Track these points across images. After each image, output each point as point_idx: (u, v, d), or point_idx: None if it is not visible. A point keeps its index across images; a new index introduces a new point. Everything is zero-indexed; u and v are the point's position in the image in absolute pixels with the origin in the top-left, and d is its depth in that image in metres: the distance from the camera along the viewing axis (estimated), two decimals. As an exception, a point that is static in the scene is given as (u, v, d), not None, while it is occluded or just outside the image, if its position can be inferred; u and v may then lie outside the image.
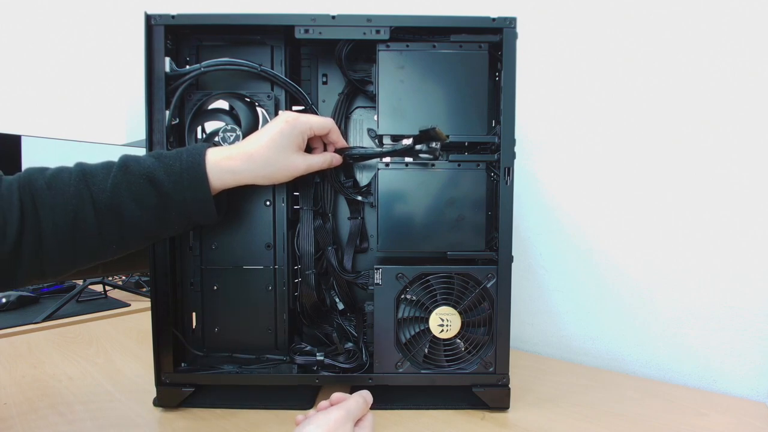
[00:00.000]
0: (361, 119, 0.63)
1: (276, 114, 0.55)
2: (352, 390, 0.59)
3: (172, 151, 0.46)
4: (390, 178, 0.53)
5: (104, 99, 1.27)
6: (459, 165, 0.53)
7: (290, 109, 0.57)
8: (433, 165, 0.53)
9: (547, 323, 0.79)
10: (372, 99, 0.60)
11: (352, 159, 0.56)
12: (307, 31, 0.52)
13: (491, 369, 0.54)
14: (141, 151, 0.47)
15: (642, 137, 0.68)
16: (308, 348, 0.58)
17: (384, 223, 0.53)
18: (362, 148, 0.56)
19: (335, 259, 0.61)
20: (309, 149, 0.54)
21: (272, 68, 0.56)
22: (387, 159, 0.54)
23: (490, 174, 0.54)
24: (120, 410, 0.55)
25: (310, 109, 0.57)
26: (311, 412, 0.45)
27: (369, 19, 0.51)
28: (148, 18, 0.51)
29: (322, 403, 0.45)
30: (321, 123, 0.51)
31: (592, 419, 0.53)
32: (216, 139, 0.53)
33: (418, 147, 0.51)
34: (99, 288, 1.16)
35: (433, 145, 0.50)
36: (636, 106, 0.69)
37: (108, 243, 0.43)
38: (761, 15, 0.59)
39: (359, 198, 0.61)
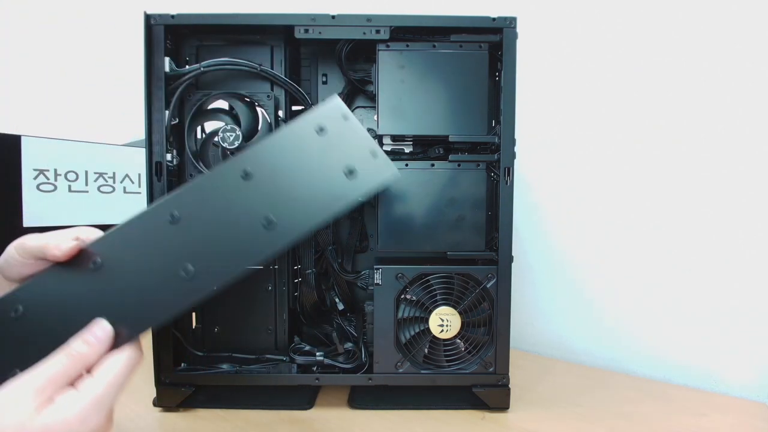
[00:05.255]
0: (361, 119, 0.63)
1: (275, 113, 0.55)
2: (352, 390, 0.59)
3: None
4: (390, 178, 0.53)
5: (104, 99, 1.27)
6: (459, 165, 0.53)
7: (290, 109, 0.57)
8: (433, 165, 0.53)
9: (547, 323, 0.79)
10: (372, 99, 0.60)
11: None
12: (306, 30, 0.51)
13: (491, 369, 0.54)
14: (141, 151, 0.47)
15: (642, 137, 0.68)
16: (308, 348, 0.58)
17: (384, 223, 0.53)
18: None
19: (335, 259, 0.60)
20: None
21: (272, 68, 0.56)
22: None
23: (490, 174, 0.53)
24: (120, 410, 0.54)
25: (310, 109, 0.57)
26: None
27: (369, 18, 0.51)
28: (148, 18, 0.51)
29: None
30: None
31: (592, 419, 0.53)
32: (216, 138, 0.53)
33: None
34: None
35: None
36: (637, 105, 0.69)
37: None
38: (761, 15, 0.59)
39: (359, 198, 0.61)
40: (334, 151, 0.39)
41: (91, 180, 0.93)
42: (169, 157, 0.52)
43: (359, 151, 0.40)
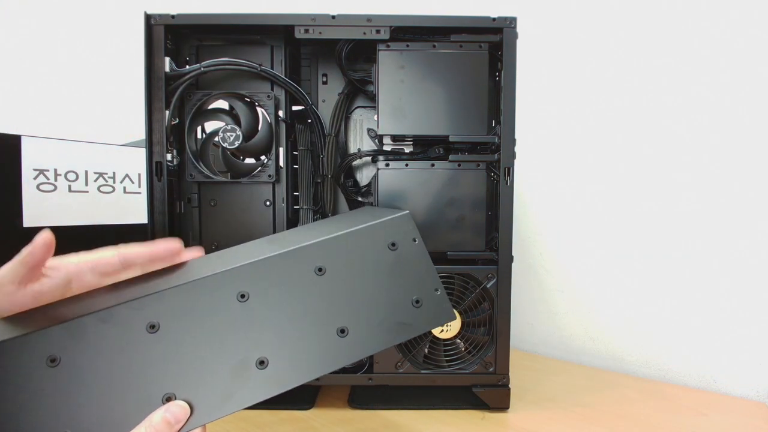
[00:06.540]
0: (361, 119, 0.63)
1: (276, 113, 0.55)
2: (352, 390, 0.59)
3: None
4: (390, 177, 0.53)
5: (104, 99, 1.27)
6: (459, 165, 0.53)
7: (290, 109, 0.57)
8: (433, 165, 0.53)
9: (547, 323, 0.79)
10: (372, 99, 0.60)
11: None
12: (307, 30, 0.52)
13: (491, 369, 0.54)
14: (141, 152, 0.47)
15: (642, 137, 0.68)
16: (308, 348, 0.58)
17: (384, 223, 0.53)
18: None
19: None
20: None
21: (272, 68, 0.56)
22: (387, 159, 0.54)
23: (490, 174, 0.53)
24: (120, 410, 0.55)
25: (310, 108, 0.57)
26: None
27: (369, 18, 0.51)
28: (148, 18, 0.51)
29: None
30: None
31: (592, 419, 0.53)
32: (216, 138, 0.53)
33: None
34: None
35: None
36: (638, 106, 0.69)
37: None
38: (761, 16, 0.59)
39: (359, 198, 0.61)
40: (406, 273, 0.37)
41: (91, 180, 0.93)
42: (169, 157, 0.52)
43: (425, 282, 0.38)
